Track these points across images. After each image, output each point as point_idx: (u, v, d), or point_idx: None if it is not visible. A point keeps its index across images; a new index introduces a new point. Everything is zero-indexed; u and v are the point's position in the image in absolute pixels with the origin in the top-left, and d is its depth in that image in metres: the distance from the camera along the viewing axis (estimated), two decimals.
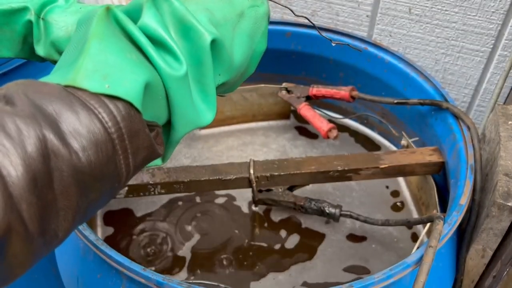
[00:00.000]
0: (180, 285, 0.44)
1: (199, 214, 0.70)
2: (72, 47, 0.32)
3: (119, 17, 0.32)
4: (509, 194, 0.55)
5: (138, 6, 0.33)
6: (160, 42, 0.33)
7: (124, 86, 0.29)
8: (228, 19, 0.37)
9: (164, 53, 0.33)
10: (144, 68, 0.31)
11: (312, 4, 0.94)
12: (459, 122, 0.63)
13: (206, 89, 0.35)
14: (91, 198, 0.28)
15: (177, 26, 0.34)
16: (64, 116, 0.26)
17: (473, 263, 0.62)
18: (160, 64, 0.32)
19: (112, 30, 0.31)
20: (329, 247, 0.66)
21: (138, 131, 0.29)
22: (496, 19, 0.80)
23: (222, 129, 0.85)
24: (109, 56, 0.29)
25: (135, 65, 0.30)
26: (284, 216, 0.69)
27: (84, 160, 0.26)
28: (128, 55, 0.30)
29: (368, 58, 0.77)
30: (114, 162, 0.28)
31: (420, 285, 0.44)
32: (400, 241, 0.67)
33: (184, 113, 0.34)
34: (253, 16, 0.40)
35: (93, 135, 0.27)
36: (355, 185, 0.74)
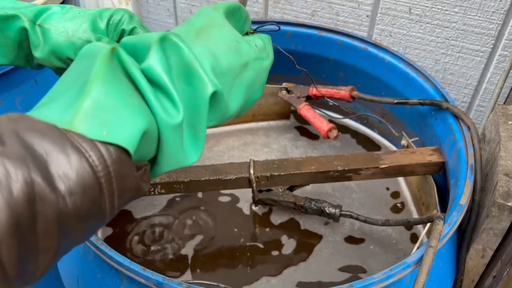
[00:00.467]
0: (180, 285, 0.44)
1: (199, 215, 0.70)
2: (70, 79, 0.31)
3: (123, 59, 0.32)
4: (509, 194, 0.55)
5: (146, 44, 0.33)
6: (161, 86, 0.32)
7: (123, 133, 0.29)
8: (232, 68, 0.37)
9: (164, 98, 0.33)
10: (144, 114, 0.30)
11: (312, 4, 0.94)
12: (459, 122, 0.63)
13: (197, 134, 0.36)
14: (73, 238, 0.28)
15: (181, 70, 0.34)
16: (55, 158, 0.26)
17: (473, 263, 0.62)
18: (158, 111, 0.32)
19: (115, 72, 0.31)
20: (325, 248, 0.66)
21: (127, 175, 0.29)
22: (496, 19, 0.80)
23: (223, 129, 0.85)
24: (110, 101, 0.29)
25: (135, 110, 0.30)
26: (284, 219, 0.69)
27: (70, 205, 0.26)
28: (129, 99, 0.30)
29: (368, 58, 0.77)
30: (99, 204, 0.28)
31: (420, 285, 0.44)
32: (399, 242, 0.67)
33: (171, 156, 0.34)
34: (257, 69, 0.40)
35: (82, 179, 0.26)
36: (354, 187, 0.74)
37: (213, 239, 0.67)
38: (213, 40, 0.36)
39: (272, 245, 0.66)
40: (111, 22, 0.48)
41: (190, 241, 0.66)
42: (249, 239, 0.67)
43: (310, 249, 0.66)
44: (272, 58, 0.43)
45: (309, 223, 0.69)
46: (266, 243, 0.66)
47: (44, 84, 0.79)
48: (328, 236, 0.67)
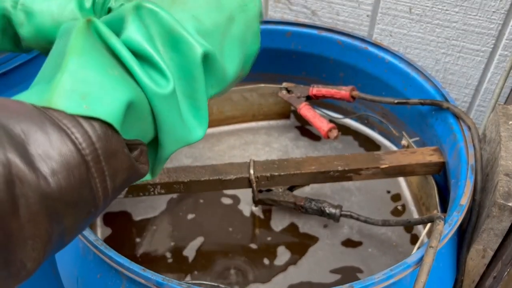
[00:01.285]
0: (180, 285, 0.44)
1: (199, 217, 0.70)
2: (51, 61, 0.29)
3: (100, 30, 0.30)
4: (510, 194, 0.55)
5: (120, 17, 0.31)
6: (145, 57, 0.30)
7: (104, 106, 0.27)
8: (217, 25, 0.34)
9: (150, 69, 0.31)
10: (127, 85, 0.29)
11: (312, 3, 0.94)
12: (460, 122, 0.63)
13: (198, 104, 0.33)
14: (65, 225, 0.26)
15: (165, 38, 0.31)
16: (33, 137, 0.24)
17: (474, 263, 0.62)
18: (145, 81, 0.30)
19: (93, 44, 0.29)
20: (320, 249, 0.66)
21: (116, 151, 0.27)
22: (496, 19, 0.79)
23: (224, 128, 0.84)
24: (89, 73, 0.27)
25: (117, 82, 0.28)
26: (284, 223, 0.69)
27: (54, 185, 0.24)
28: (109, 70, 0.28)
29: (368, 58, 0.77)
30: (89, 186, 0.26)
31: (420, 285, 0.44)
32: (399, 245, 0.66)
33: (172, 131, 0.32)
34: (243, 19, 0.37)
35: (65, 158, 0.25)
36: (354, 190, 0.74)
37: (213, 241, 0.67)
38: (191, 2, 0.33)
39: (269, 247, 0.66)
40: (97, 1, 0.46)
41: (190, 242, 0.66)
42: (247, 242, 0.67)
43: (304, 251, 0.65)
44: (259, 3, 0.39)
45: (308, 226, 0.68)
46: (263, 246, 0.66)
47: None
48: (325, 239, 0.67)
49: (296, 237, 0.67)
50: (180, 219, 0.69)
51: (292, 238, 0.67)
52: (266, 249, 0.66)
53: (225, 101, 0.81)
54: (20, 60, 0.72)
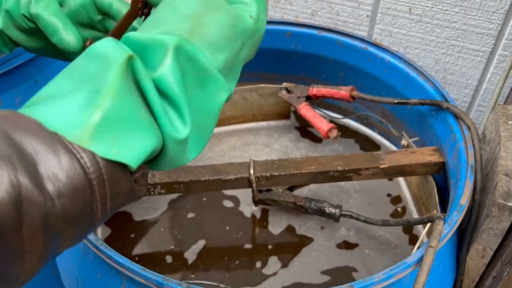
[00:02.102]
0: (180, 285, 0.44)
1: (200, 217, 0.70)
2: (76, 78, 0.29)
3: (137, 69, 0.29)
4: (510, 194, 0.55)
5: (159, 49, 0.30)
6: (171, 99, 0.31)
7: (132, 152, 0.28)
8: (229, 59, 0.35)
9: (172, 111, 0.31)
10: (153, 132, 0.29)
11: (312, 4, 0.94)
12: (460, 122, 0.63)
13: (204, 135, 0.34)
14: (62, 240, 0.27)
15: (195, 76, 0.32)
16: (44, 158, 0.25)
17: (473, 263, 0.62)
18: (165, 125, 0.30)
19: (129, 85, 0.29)
20: (313, 250, 0.66)
21: (120, 177, 0.28)
22: (496, 19, 0.80)
23: (224, 128, 0.84)
24: (122, 117, 0.27)
25: (146, 128, 0.29)
26: (282, 226, 0.68)
27: (59, 207, 0.25)
28: (140, 116, 0.28)
29: (368, 58, 0.77)
30: (91, 207, 0.27)
31: (420, 285, 0.44)
32: (397, 247, 0.66)
33: (172, 162, 0.33)
34: (252, 44, 0.38)
35: (72, 181, 0.25)
36: (353, 192, 0.74)
37: (213, 242, 0.67)
38: (210, 35, 0.33)
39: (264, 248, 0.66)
40: None
41: (190, 243, 0.66)
42: (243, 243, 0.67)
43: (297, 251, 0.65)
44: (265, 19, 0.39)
45: (305, 228, 0.68)
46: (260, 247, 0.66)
47: (44, 83, 0.78)
48: (320, 240, 0.67)
49: (292, 239, 0.67)
50: (181, 220, 0.69)
51: (288, 240, 0.67)
52: (261, 250, 0.66)
53: None
54: (20, 60, 0.73)
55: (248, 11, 0.37)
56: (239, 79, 0.92)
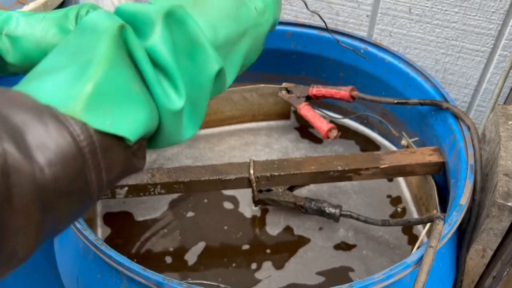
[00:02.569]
0: (180, 285, 0.44)
1: (200, 218, 0.70)
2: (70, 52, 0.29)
3: (129, 40, 0.29)
4: (509, 194, 0.55)
5: (149, 18, 0.31)
6: (165, 69, 0.31)
7: (126, 125, 0.27)
8: (230, 39, 0.35)
9: (166, 81, 0.31)
10: (146, 104, 0.29)
11: (312, 4, 0.94)
12: (459, 122, 0.63)
13: (198, 110, 0.34)
14: (58, 215, 0.26)
15: (185, 45, 0.32)
16: (31, 128, 0.24)
17: (473, 263, 0.62)
18: (160, 97, 0.30)
19: (122, 55, 0.29)
20: (310, 251, 0.65)
21: (114, 144, 0.27)
22: (496, 19, 0.80)
23: (224, 128, 0.84)
24: (115, 88, 0.27)
25: (139, 100, 0.29)
26: (280, 227, 0.68)
27: (50, 176, 0.24)
28: (133, 87, 0.28)
29: (368, 58, 0.77)
30: (84, 178, 0.26)
31: (420, 285, 0.44)
32: (396, 247, 0.66)
33: (169, 137, 0.33)
34: (254, 36, 0.38)
35: (62, 149, 0.25)
36: (352, 193, 0.74)
37: (212, 243, 0.67)
38: (212, 9, 0.34)
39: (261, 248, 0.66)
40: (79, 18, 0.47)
41: (190, 243, 0.66)
42: (241, 244, 0.67)
43: (293, 252, 0.65)
44: (273, 20, 0.40)
45: (303, 228, 0.68)
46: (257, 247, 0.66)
47: None
48: (317, 241, 0.67)
49: (289, 240, 0.67)
50: (181, 220, 0.69)
51: (285, 241, 0.67)
52: (258, 251, 0.65)
53: (225, 101, 0.81)
54: None
55: (253, 3, 0.38)
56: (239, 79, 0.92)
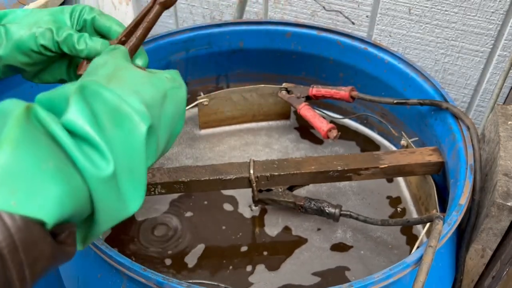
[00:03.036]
0: (180, 285, 0.44)
1: (200, 218, 0.70)
2: None
3: (40, 116, 0.29)
4: (509, 194, 0.56)
5: (64, 96, 0.31)
6: (86, 138, 0.31)
7: (34, 203, 0.27)
8: (155, 99, 0.36)
9: (90, 150, 0.31)
10: (62, 177, 0.28)
11: (312, 4, 0.94)
12: (459, 122, 0.63)
13: (138, 177, 0.34)
14: None
15: (110, 116, 0.32)
16: None
17: (473, 262, 0.62)
18: (85, 165, 0.30)
19: (30, 134, 0.28)
20: (306, 251, 0.65)
21: (37, 240, 0.27)
22: (495, 19, 0.80)
23: (224, 129, 0.85)
24: (21, 168, 0.27)
25: (51, 176, 0.28)
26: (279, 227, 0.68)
27: None
28: (44, 164, 0.28)
29: (368, 58, 0.77)
30: (4, 277, 0.25)
31: (419, 284, 0.44)
32: (395, 247, 0.66)
33: (109, 211, 0.32)
34: (175, 99, 0.39)
35: None
36: (352, 194, 0.74)
37: (211, 243, 0.67)
38: (127, 81, 0.35)
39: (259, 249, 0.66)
40: (73, 15, 0.49)
41: (190, 243, 0.67)
42: (241, 244, 0.67)
43: (290, 253, 0.65)
44: (185, 88, 0.42)
45: (301, 229, 0.68)
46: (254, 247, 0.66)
47: (44, 85, 0.79)
48: (314, 242, 0.66)
49: (287, 240, 0.67)
50: (182, 220, 0.70)
51: (283, 241, 0.67)
52: (255, 252, 0.65)
53: (225, 101, 0.82)
54: None
55: (163, 73, 0.40)
56: (239, 80, 0.92)
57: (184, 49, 0.80)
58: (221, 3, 1.07)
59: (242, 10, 0.91)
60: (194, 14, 1.13)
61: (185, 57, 0.81)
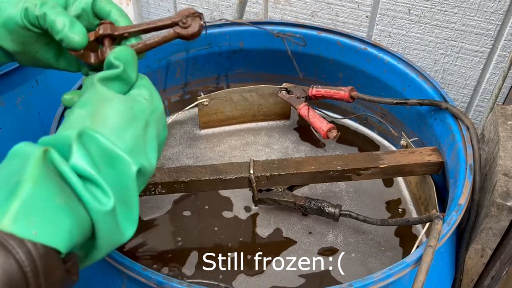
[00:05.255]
0: (180, 285, 0.44)
1: (200, 218, 0.70)
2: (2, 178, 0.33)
3: (54, 159, 0.34)
4: (508, 194, 0.56)
5: (65, 142, 0.36)
6: (89, 179, 0.35)
7: (49, 233, 0.31)
8: (137, 137, 0.40)
9: (94, 188, 0.35)
10: (72, 212, 0.33)
11: (312, 4, 0.94)
12: (458, 122, 0.63)
13: (131, 208, 0.38)
14: None
15: (103, 158, 0.37)
16: None
17: (472, 262, 0.62)
18: (90, 201, 0.34)
19: (46, 173, 0.33)
20: (293, 254, 0.65)
21: (54, 267, 0.31)
22: (495, 19, 0.80)
23: (224, 129, 0.85)
24: (40, 202, 0.31)
25: (62, 211, 0.32)
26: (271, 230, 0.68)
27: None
28: (57, 200, 0.32)
29: (367, 59, 0.77)
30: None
31: (419, 284, 0.45)
32: (388, 249, 0.66)
33: (108, 238, 0.36)
34: (155, 119, 0.43)
35: (8, 276, 0.28)
36: (351, 194, 0.74)
37: (211, 243, 0.67)
38: (110, 119, 0.39)
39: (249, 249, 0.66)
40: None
41: (190, 243, 0.67)
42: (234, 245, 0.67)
43: (276, 255, 0.65)
44: (160, 99, 0.45)
45: (292, 232, 0.68)
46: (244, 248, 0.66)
47: (45, 84, 0.79)
48: (303, 245, 0.66)
49: (277, 242, 0.67)
50: (182, 220, 0.70)
51: (273, 243, 0.66)
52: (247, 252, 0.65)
53: (226, 101, 0.82)
54: None
55: (141, 95, 0.43)
56: (239, 80, 0.92)
57: (184, 49, 0.80)
58: (221, 4, 1.07)
59: (242, 11, 0.91)
60: None
61: (185, 57, 0.81)
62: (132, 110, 0.41)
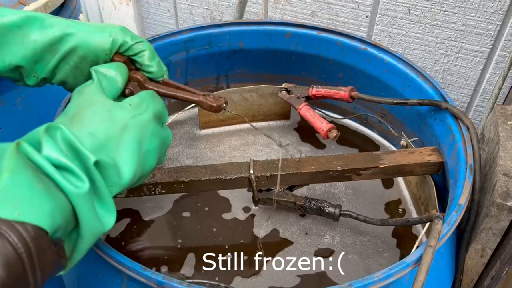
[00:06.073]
0: (181, 285, 0.44)
1: (200, 218, 0.70)
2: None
3: (27, 151, 0.37)
4: (508, 194, 0.56)
5: (36, 137, 0.38)
6: (62, 167, 0.38)
7: (33, 213, 0.33)
8: (110, 137, 0.43)
9: (69, 175, 0.38)
10: (50, 196, 0.35)
11: (312, 5, 0.95)
12: (458, 122, 0.63)
13: (103, 199, 0.41)
14: None
15: (69, 150, 0.39)
16: None
17: (472, 262, 0.62)
18: (66, 186, 0.37)
19: (22, 163, 0.35)
20: (290, 255, 0.65)
21: (45, 248, 0.34)
22: (495, 19, 0.80)
23: (224, 129, 0.85)
24: (19, 189, 0.34)
25: (42, 195, 0.35)
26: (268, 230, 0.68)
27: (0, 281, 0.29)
28: (35, 186, 0.35)
29: (367, 59, 0.77)
30: (24, 279, 0.32)
31: (419, 284, 0.45)
32: (385, 251, 0.66)
33: (90, 224, 0.39)
34: (137, 125, 0.45)
35: (5, 257, 0.31)
36: (351, 194, 0.74)
37: (210, 243, 0.67)
38: (86, 121, 0.43)
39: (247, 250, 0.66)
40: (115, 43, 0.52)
41: (189, 243, 0.67)
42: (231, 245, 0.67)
43: (273, 255, 0.65)
44: (153, 109, 0.48)
45: (289, 233, 0.68)
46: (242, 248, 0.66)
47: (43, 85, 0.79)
48: (300, 246, 0.66)
49: (273, 243, 0.67)
50: (183, 220, 0.70)
51: (269, 244, 0.66)
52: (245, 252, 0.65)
53: None
54: None
55: (129, 101, 0.47)
56: (239, 80, 0.92)
57: (185, 49, 0.80)
58: (221, 4, 1.07)
59: (242, 11, 0.91)
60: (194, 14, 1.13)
61: (185, 57, 0.81)
62: (109, 112, 0.44)
